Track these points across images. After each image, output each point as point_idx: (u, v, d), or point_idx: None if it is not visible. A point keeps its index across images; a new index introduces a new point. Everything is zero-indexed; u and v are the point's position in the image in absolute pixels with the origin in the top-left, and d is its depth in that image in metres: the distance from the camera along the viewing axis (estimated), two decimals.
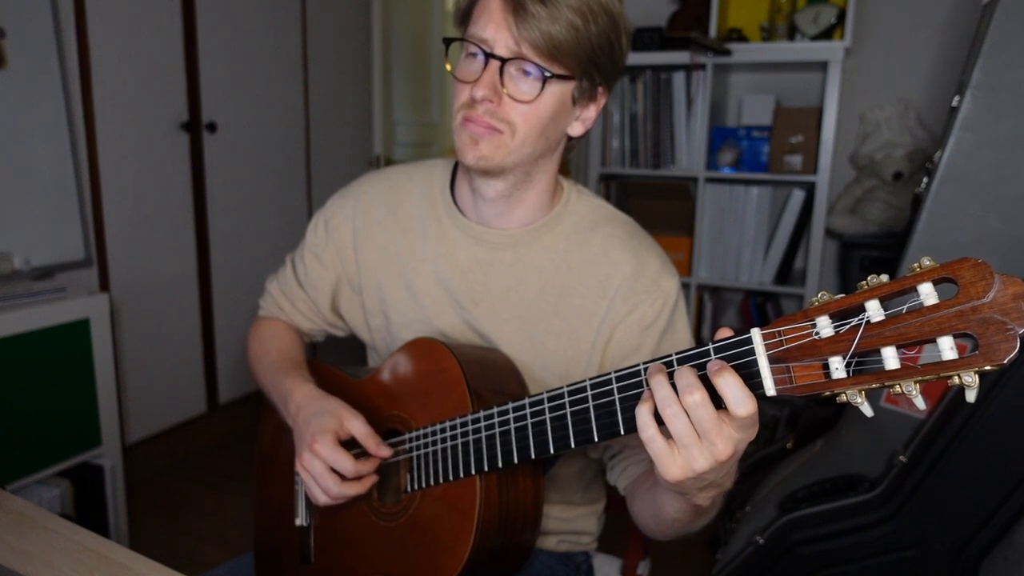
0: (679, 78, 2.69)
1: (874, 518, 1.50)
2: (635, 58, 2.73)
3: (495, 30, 0.82)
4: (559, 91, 0.85)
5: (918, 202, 1.55)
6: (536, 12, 0.79)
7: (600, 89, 0.90)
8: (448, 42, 0.89)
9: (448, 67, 0.90)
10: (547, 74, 0.82)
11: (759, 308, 2.90)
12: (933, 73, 2.63)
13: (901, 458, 1.46)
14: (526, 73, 0.83)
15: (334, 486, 0.87)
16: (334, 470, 0.87)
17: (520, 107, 0.84)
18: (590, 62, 0.84)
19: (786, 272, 2.73)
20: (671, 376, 0.60)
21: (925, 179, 1.52)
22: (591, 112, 0.92)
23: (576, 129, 0.92)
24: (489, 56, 0.83)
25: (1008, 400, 1.32)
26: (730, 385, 0.56)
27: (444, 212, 1.01)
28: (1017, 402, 1.32)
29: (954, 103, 1.48)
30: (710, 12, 2.61)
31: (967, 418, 1.36)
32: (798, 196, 2.65)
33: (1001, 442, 1.34)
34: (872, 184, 2.62)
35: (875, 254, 2.54)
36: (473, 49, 0.85)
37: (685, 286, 2.83)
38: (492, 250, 0.97)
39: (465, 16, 0.87)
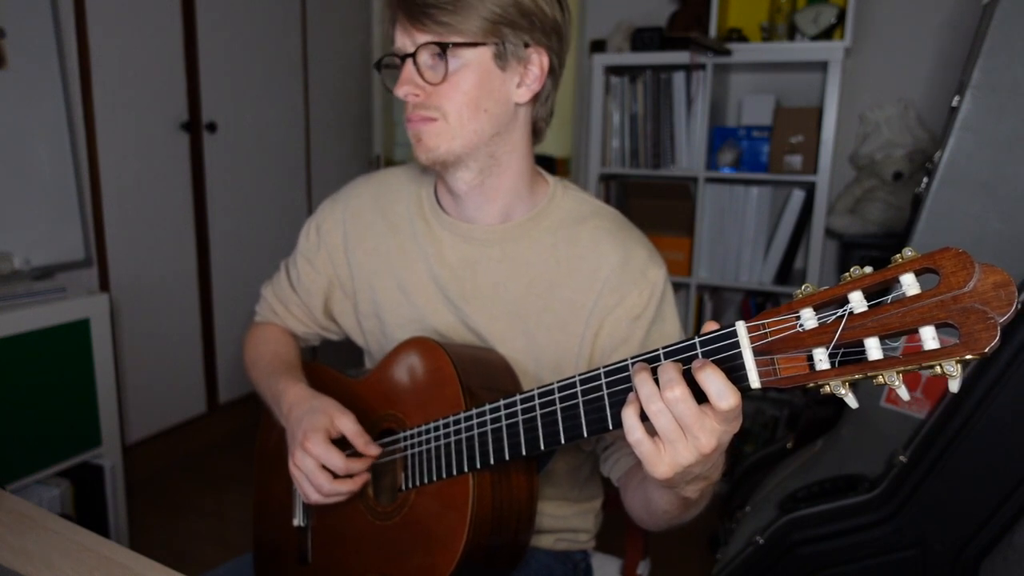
0: (679, 78, 2.69)
1: (874, 518, 1.49)
2: (635, 58, 2.73)
3: (400, 36, 0.88)
4: (473, 60, 0.86)
5: (918, 202, 1.55)
6: (421, 1, 0.83)
7: (531, 50, 0.88)
8: (377, 65, 0.94)
9: (384, 82, 0.94)
10: (444, 44, 0.84)
11: (759, 308, 2.90)
12: (933, 73, 2.63)
13: (901, 458, 1.45)
14: (440, 57, 0.86)
15: (326, 483, 0.87)
16: (326, 468, 0.88)
17: (441, 89, 0.86)
18: (494, 24, 0.84)
19: (786, 272, 2.72)
20: (654, 372, 0.60)
21: (925, 179, 1.52)
22: (533, 74, 0.90)
23: (523, 95, 0.90)
24: (402, 59, 0.87)
25: (1008, 400, 1.32)
26: (712, 379, 0.56)
27: (430, 212, 1.01)
28: (1017, 402, 1.31)
29: (954, 103, 1.47)
30: (710, 12, 2.61)
31: (967, 418, 1.35)
32: (798, 196, 2.64)
33: (1001, 442, 1.34)
34: (872, 184, 2.62)
35: (875, 254, 2.53)
36: (396, 62, 0.89)
37: (685, 286, 2.82)
38: (480, 247, 0.97)
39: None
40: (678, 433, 0.59)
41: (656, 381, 0.60)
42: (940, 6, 2.58)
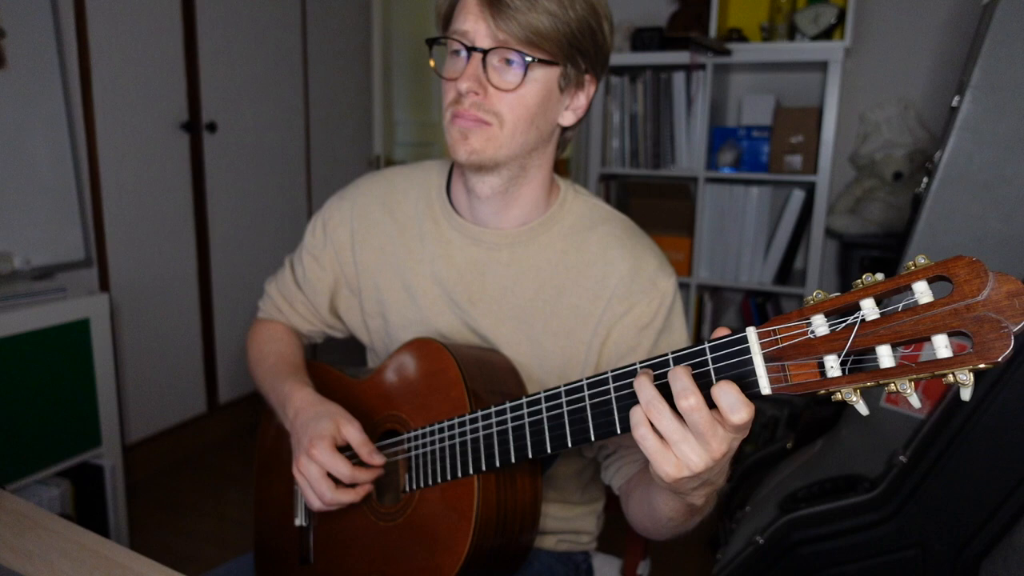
0: (679, 78, 2.69)
1: (874, 518, 1.49)
2: (635, 58, 2.73)
3: (474, 22, 0.83)
4: (543, 77, 0.86)
5: (918, 202, 1.55)
6: (512, 2, 0.81)
7: (588, 77, 0.91)
8: (430, 42, 0.90)
9: (432, 63, 0.91)
10: (528, 59, 0.83)
11: (759, 308, 2.90)
12: (933, 73, 2.63)
13: (901, 458, 1.45)
14: (509, 63, 0.84)
15: (329, 491, 0.87)
16: (331, 475, 0.87)
17: (506, 97, 0.85)
18: (572, 47, 0.85)
19: (786, 272, 2.73)
20: (665, 376, 0.60)
21: (925, 179, 1.52)
22: (581, 101, 0.92)
23: (567, 119, 0.92)
24: (471, 49, 0.84)
25: (1008, 400, 1.32)
26: (726, 392, 0.56)
27: (441, 213, 1.01)
28: (1017, 402, 1.31)
29: (954, 103, 1.47)
30: (710, 12, 2.61)
31: (967, 418, 1.36)
32: (798, 196, 2.64)
33: (1001, 442, 1.34)
34: (872, 184, 2.62)
35: (875, 254, 2.54)
36: (456, 47, 0.86)
37: (685, 286, 2.82)
38: (489, 250, 0.97)
39: (447, 19, 0.89)
40: (682, 434, 0.59)
41: (662, 386, 0.60)
42: (940, 6, 2.58)
